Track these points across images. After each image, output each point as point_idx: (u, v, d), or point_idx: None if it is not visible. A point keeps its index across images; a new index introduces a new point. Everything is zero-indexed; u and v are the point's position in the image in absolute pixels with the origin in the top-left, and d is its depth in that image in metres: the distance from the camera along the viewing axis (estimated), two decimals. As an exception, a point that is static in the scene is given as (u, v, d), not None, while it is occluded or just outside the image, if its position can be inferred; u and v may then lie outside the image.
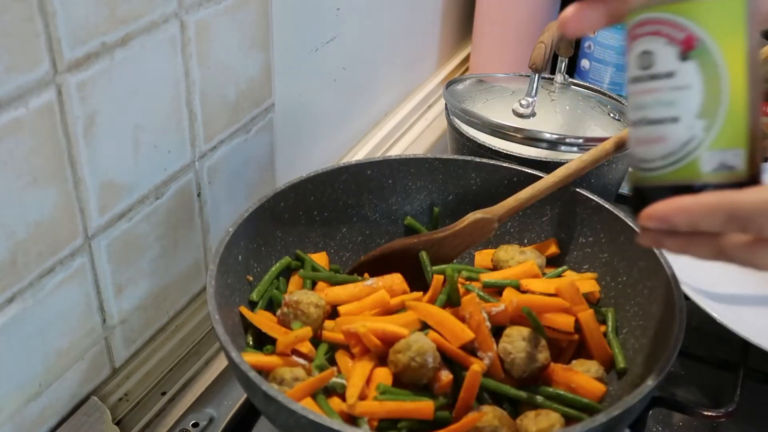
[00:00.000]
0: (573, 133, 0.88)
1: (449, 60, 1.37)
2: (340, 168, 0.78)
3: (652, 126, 0.47)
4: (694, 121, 0.46)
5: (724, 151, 0.46)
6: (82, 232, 0.62)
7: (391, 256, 0.76)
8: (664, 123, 0.47)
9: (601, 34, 1.22)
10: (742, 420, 0.75)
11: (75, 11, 0.55)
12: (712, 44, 0.45)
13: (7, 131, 0.53)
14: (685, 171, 0.46)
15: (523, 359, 0.63)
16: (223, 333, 0.58)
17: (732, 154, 0.46)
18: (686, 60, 0.46)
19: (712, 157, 0.46)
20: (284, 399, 0.54)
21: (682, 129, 0.46)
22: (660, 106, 0.47)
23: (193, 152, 0.73)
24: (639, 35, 0.48)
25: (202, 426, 0.71)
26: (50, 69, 0.55)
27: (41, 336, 0.62)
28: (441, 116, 1.25)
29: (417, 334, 0.62)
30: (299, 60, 0.90)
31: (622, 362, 0.66)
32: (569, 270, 0.76)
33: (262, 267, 0.73)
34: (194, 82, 0.69)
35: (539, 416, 0.59)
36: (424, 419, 0.59)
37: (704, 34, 0.45)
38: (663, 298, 0.65)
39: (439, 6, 1.27)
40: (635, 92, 0.49)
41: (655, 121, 0.47)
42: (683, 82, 0.46)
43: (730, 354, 0.76)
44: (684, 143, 0.46)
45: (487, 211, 0.76)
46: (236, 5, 0.72)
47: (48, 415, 0.65)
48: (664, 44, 0.46)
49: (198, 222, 0.77)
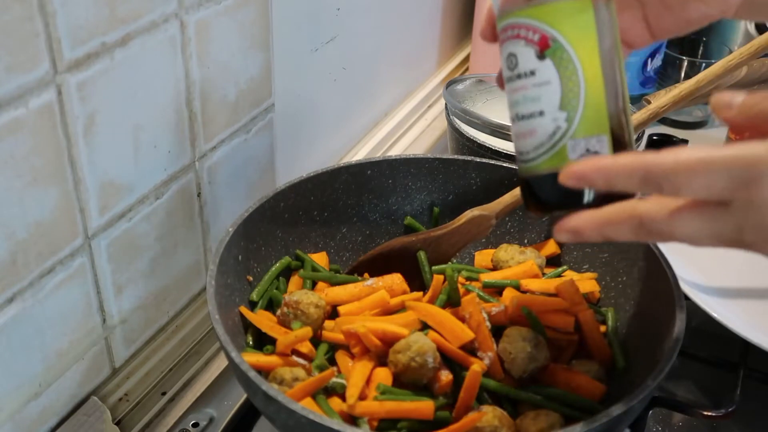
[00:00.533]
0: (573, 133, 0.88)
1: (449, 60, 1.37)
2: (340, 168, 0.78)
3: (524, 121, 0.51)
4: (557, 113, 0.50)
5: (588, 138, 0.50)
6: (82, 232, 0.62)
7: (390, 254, 0.76)
8: (533, 117, 0.51)
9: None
10: (742, 420, 0.75)
11: (75, 11, 0.55)
12: (564, 42, 0.49)
13: (7, 131, 0.53)
14: (555, 159, 0.50)
15: (523, 359, 0.63)
16: (223, 333, 0.58)
17: (595, 141, 0.50)
18: (543, 58, 0.50)
19: (576, 144, 0.50)
20: (284, 399, 0.54)
21: (548, 121, 0.50)
22: (527, 102, 0.51)
23: (193, 152, 0.73)
24: (505, 39, 0.52)
25: (202, 426, 0.71)
26: (50, 69, 0.55)
27: (41, 336, 0.61)
28: (441, 116, 1.25)
29: (417, 334, 0.62)
30: (299, 60, 0.90)
31: (622, 362, 0.66)
32: (569, 270, 0.76)
33: (262, 267, 0.73)
34: (194, 82, 0.69)
35: (539, 416, 0.59)
36: (424, 419, 0.59)
37: (556, 33, 0.49)
38: (663, 298, 0.65)
39: (439, 6, 1.27)
40: (509, 91, 0.53)
41: (526, 116, 0.51)
42: (543, 79, 0.50)
43: (730, 354, 0.76)
44: (551, 134, 0.50)
45: (485, 207, 0.76)
46: (236, 5, 0.72)
47: (48, 415, 0.65)
48: (523, 46, 0.50)
49: (198, 222, 0.77)
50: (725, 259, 0.85)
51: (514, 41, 0.51)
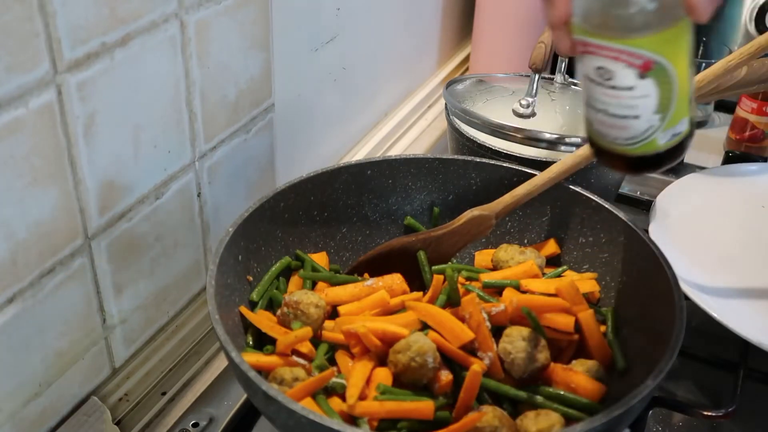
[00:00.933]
0: (573, 133, 0.88)
1: (449, 60, 1.37)
2: (340, 168, 0.78)
3: (614, 118, 0.54)
4: (652, 116, 0.53)
5: (675, 126, 0.53)
6: (82, 233, 0.62)
7: (390, 255, 0.76)
8: (627, 119, 0.53)
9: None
10: (742, 420, 0.75)
11: (75, 11, 0.55)
12: (666, 63, 0.51)
13: (7, 131, 0.53)
14: (645, 147, 0.54)
15: (523, 359, 0.63)
16: (223, 333, 0.58)
17: (681, 124, 0.54)
18: (644, 78, 0.51)
19: (666, 133, 0.53)
20: (284, 399, 0.54)
21: (642, 122, 0.53)
22: (622, 108, 0.53)
23: (193, 152, 0.73)
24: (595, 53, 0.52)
25: (202, 426, 0.71)
26: (50, 69, 0.55)
27: (41, 336, 0.61)
28: (441, 116, 1.25)
29: (417, 334, 0.62)
30: (299, 60, 0.90)
31: (622, 362, 0.66)
32: (569, 270, 0.76)
33: (262, 267, 0.73)
34: (194, 82, 0.69)
35: (539, 416, 0.59)
36: (424, 419, 0.59)
37: (660, 58, 0.51)
38: (663, 298, 0.65)
39: (439, 6, 1.27)
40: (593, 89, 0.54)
41: (618, 116, 0.53)
42: (642, 93, 0.52)
43: (730, 354, 0.76)
44: (644, 131, 0.53)
45: (485, 207, 0.76)
46: (236, 5, 0.72)
47: (48, 415, 0.65)
48: (623, 67, 0.51)
49: (198, 222, 0.77)
50: (725, 259, 0.86)
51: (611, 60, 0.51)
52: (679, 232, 0.87)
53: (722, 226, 0.91)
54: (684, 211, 0.91)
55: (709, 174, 0.98)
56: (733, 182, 0.96)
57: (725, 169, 1.01)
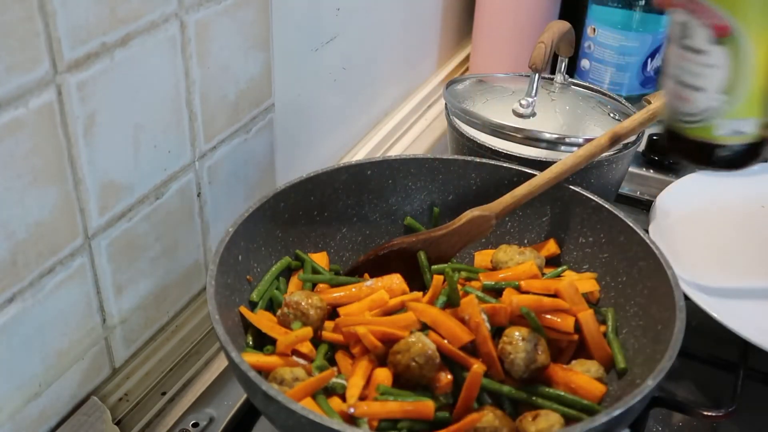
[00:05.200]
0: (573, 133, 0.88)
1: (449, 60, 1.37)
2: (340, 168, 0.78)
3: (680, 86, 0.51)
4: (716, 95, 0.50)
5: (739, 121, 0.50)
6: (82, 232, 0.62)
7: (390, 255, 0.76)
8: (690, 89, 0.50)
9: (601, 34, 1.22)
10: (742, 420, 0.75)
11: (75, 11, 0.55)
12: (744, 36, 0.48)
13: (7, 131, 0.53)
14: (701, 131, 0.51)
15: (523, 359, 0.63)
16: (223, 333, 0.58)
17: (745, 123, 0.50)
18: (717, 44, 0.48)
19: (726, 124, 0.50)
20: (284, 399, 0.54)
21: (705, 98, 0.50)
22: (686, 74, 0.50)
23: (193, 152, 0.73)
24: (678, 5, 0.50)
25: (202, 426, 0.71)
26: (50, 69, 0.55)
27: (41, 336, 0.61)
28: (441, 116, 1.25)
29: (417, 334, 0.62)
30: (299, 60, 0.90)
31: (622, 362, 0.66)
32: (569, 270, 0.76)
33: (262, 267, 0.73)
34: (194, 82, 0.69)
35: (539, 417, 0.59)
36: (424, 419, 0.59)
37: (739, 26, 0.47)
38: (663, 298, 0.65)
39: (439, 6, 1.27)
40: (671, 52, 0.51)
41: (683, 83, 0.51)
42: (712, 62, 0.49)
43: (730, 354, 0.76)
44: (704, 110, 0.50)
45: (485, 208, 0.76)
46: (236, 5, 0.72)
47: (48, 415, 0.65)
48: (698, 24, 0.48)
49: (198, 222, 0.77)
50: (725, 259, 0.86)
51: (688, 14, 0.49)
52: (679, 232, 0.87)
53: (722, 226, 0.91)
54: (684, 211, 0.91)
55: (709, 174, 0.98)
56: (732, 182, 0.96)
57: (725, 169, 1.00)
